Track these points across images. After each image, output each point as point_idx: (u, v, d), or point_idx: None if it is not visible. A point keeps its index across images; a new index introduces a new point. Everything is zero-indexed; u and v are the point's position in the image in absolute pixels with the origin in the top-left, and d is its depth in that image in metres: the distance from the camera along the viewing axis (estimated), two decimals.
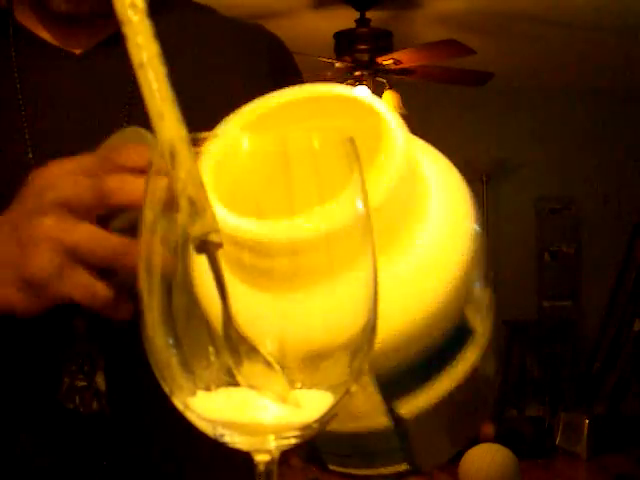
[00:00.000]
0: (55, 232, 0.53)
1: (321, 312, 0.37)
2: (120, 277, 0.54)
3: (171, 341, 0.37)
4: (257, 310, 0.39)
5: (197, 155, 0.37)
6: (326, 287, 0.37)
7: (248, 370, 0.37)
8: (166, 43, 0.39)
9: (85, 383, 0.68)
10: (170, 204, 0.37)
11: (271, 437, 0.37)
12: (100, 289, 0.53)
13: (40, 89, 0.76)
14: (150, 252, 0.37)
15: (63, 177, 0.54)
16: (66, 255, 0.53)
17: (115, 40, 0.78)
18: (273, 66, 0.87)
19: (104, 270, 0.53)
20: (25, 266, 0.54)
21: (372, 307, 0.38)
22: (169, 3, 0.84)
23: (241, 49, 0.86)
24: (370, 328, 0.38)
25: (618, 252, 5.13)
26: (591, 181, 5.66)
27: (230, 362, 0.37)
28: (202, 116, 0.45)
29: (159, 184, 0.37)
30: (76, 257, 0.53)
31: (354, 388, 0.38)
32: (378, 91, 4.17)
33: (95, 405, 0.68)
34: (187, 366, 0.37)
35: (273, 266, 0.39)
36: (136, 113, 0.74)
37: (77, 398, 0.68)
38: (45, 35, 0.78)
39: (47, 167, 0.55)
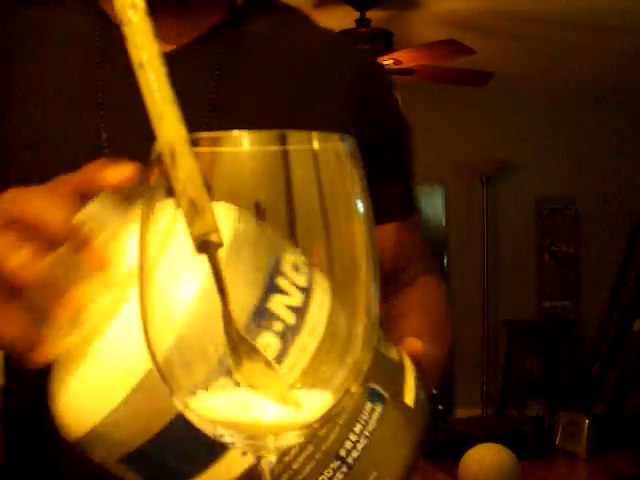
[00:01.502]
0: None
1: None
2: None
3: (171, 341, 0.37)
4: None
5: (197, 155, 0.37)
6: None
7: (248, 370, 0.37)
8: (258, 44, 0.38)
9: None
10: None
11: (271, 437, 0.37)
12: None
13: (120, 88, 0.74)
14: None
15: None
16: None
17: (204, 39, 0.78)
18: (357, 87, 0.85)
19: None
20: None
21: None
22: (264, 5, 0.84)
23: (327, 61, 0.85)
24: (371, 327, 0.38)
25: (618, 252, 5.13)
26: (591, 181, 5.66)
27: (230, 362, 0.37)
28: (283, 118, 0.43)
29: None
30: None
31: (354, 388, 0.38)
32: None
33: None
34: (187, 366, 0.37)
35: None
36: (217, 117, 0.74)
37: None
38: None
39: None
